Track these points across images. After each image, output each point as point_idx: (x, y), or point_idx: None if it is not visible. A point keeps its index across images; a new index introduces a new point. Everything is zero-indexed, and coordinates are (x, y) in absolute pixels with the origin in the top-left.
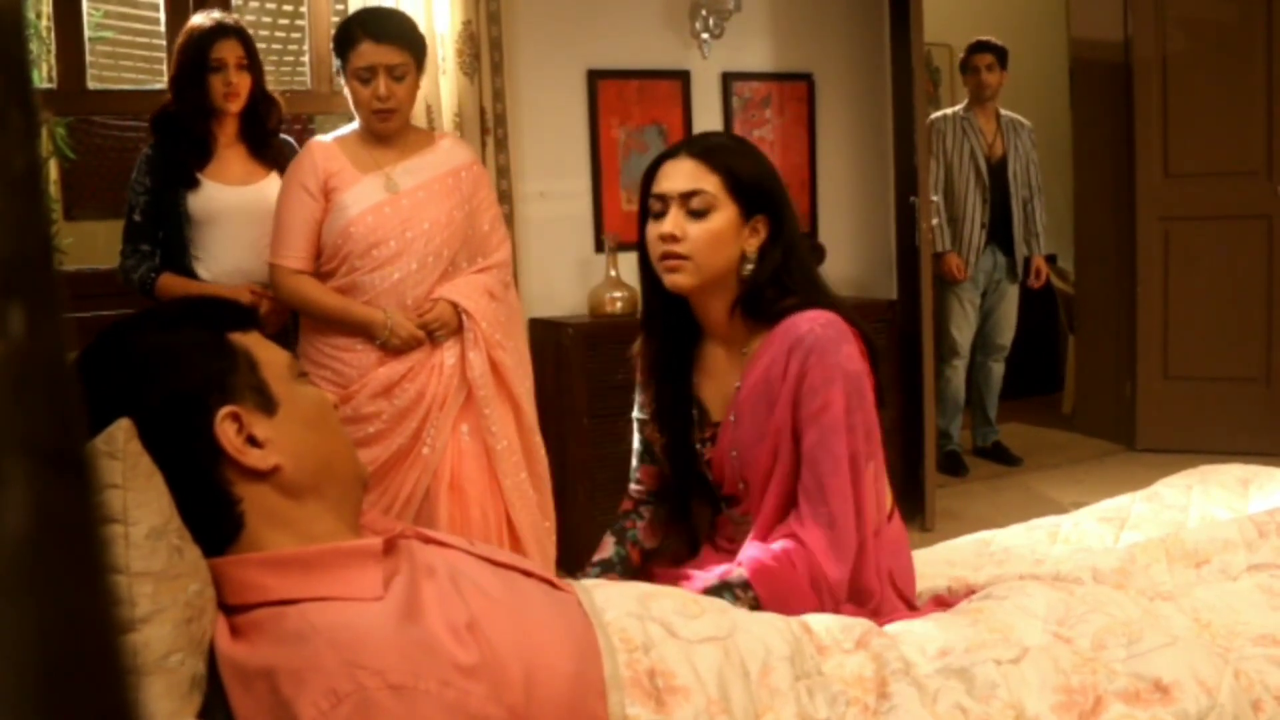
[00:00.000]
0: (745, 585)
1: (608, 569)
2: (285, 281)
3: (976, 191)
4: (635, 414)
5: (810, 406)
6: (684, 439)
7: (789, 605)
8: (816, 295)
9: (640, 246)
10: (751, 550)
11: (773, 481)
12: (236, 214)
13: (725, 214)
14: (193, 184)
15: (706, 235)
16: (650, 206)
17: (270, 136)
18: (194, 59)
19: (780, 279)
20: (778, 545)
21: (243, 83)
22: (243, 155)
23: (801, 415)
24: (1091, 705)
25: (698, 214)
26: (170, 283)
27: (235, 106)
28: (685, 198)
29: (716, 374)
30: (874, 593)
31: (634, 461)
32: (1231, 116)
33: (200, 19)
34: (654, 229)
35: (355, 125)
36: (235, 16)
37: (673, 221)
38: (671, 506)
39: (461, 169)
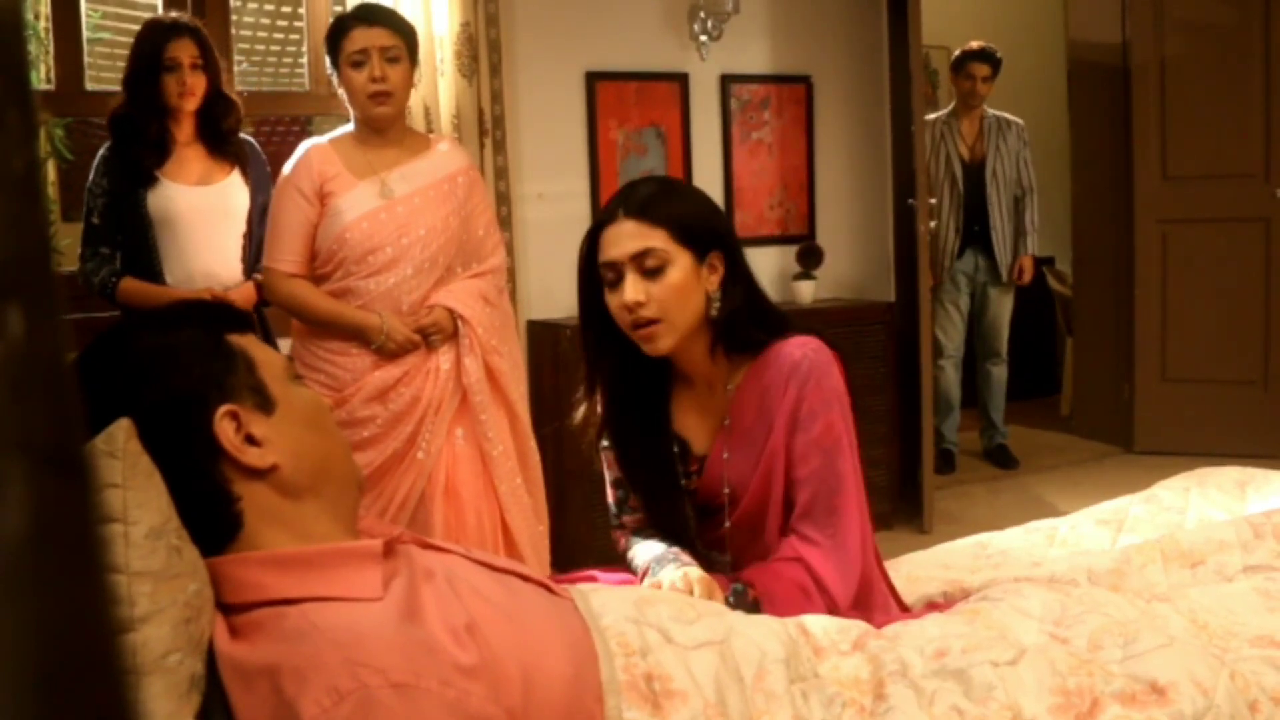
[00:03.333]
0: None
1: (682, 551)
2: (279, 285)
3: (950, 196)
4: (605, 444)
5: (811, 430)
6: (670, 483)
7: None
8: (786, 320)
9: (588, 319)
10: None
11: (770, 505)
12: (197, 214)
13: (681, 264)
14: (151, 182)
15: (670, 291)
16: (603, 277)
17: (228, 135)
18: (148, 58)
19: (750, 307)
20: (785, 567)
21: (197, 83)
22: (201, 154)
23: (800, 439)
24: (1088, 707)
25: (654, 272)
26: (132, 288)
27: (190, 105)
28: (637, 260)
29: (697, 411)
30: (875, 601)
31: (619, 492)
32: (1229, 119)
33: (157, 16)
34: (614, 300)
35: (350, 127)
36: (192, 16)
37: (633, 288)
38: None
39: (457, 174)
